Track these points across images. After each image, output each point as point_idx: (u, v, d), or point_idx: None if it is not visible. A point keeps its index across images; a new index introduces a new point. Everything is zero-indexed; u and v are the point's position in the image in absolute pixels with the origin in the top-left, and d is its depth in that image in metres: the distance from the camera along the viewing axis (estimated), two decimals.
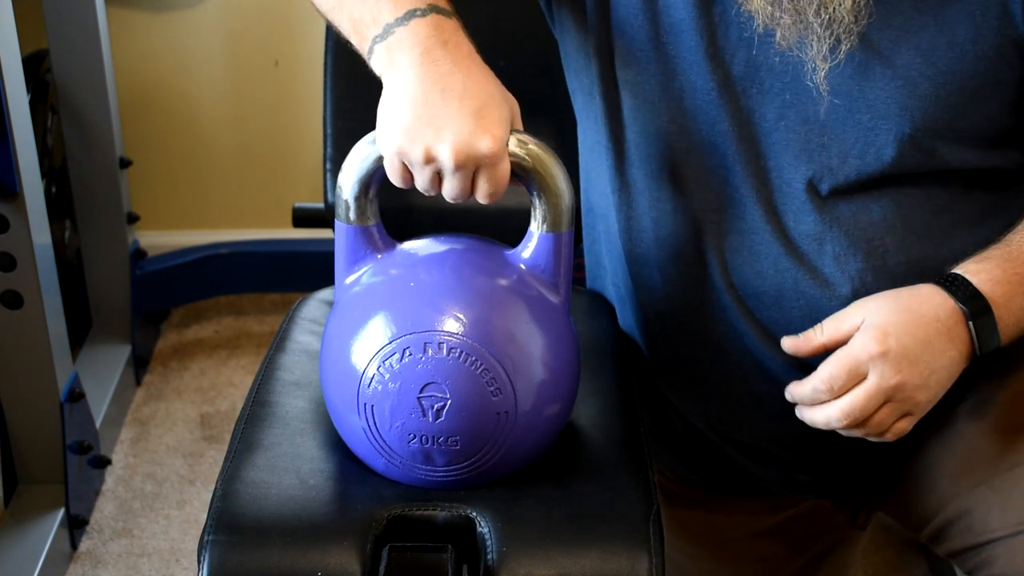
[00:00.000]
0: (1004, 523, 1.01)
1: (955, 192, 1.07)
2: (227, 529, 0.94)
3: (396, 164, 0.94)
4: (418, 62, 0.93)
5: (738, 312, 1.08)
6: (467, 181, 0.93)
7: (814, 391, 1.00)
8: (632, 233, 1.12)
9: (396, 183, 0.96)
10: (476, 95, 0.92)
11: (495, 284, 0.98)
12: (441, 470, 0.96)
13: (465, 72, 0.93)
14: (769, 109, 1.05)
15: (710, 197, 1.08)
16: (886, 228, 1.05)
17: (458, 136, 0.91)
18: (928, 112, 1.02)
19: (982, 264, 1.02)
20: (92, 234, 2.08)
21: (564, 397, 0.99)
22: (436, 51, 0.93)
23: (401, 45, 0.94)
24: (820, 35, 0.99)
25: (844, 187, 1.05)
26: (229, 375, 2.22)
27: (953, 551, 1.07)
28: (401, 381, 0.93)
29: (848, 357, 0.99)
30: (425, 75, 0.92)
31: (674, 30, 1.05)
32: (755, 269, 1.07)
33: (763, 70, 1.04)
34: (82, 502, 1.80)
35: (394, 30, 0.95)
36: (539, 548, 0.93)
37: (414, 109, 0.92)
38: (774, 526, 1.29)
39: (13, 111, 1.53)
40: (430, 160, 0.92)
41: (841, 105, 1.03)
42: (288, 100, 2.37)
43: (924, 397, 1.00)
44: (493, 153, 0.91)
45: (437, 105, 0.91)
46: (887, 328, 0.98)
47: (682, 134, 1.07)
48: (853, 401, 0.99)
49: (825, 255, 1.06)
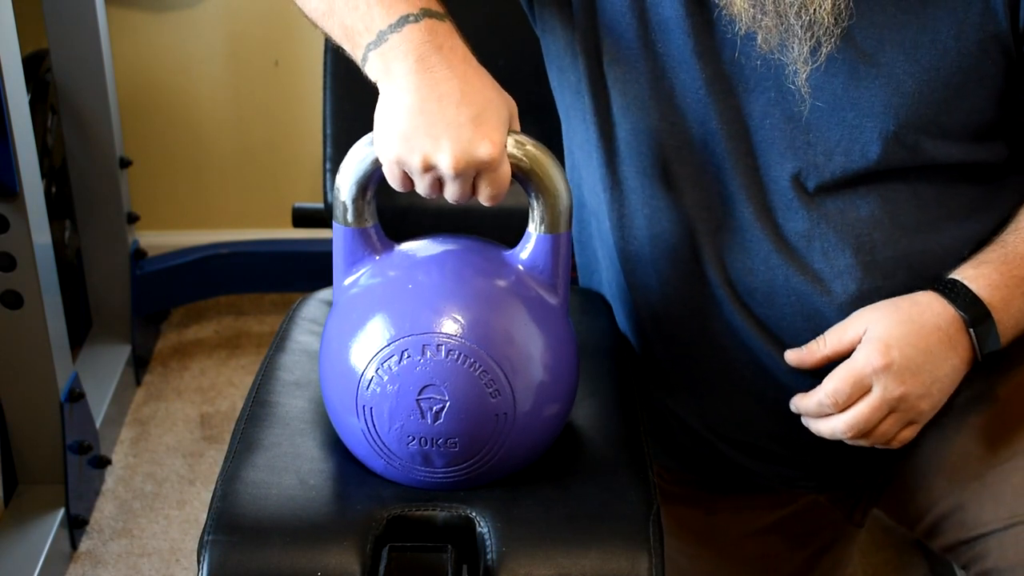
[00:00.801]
0: (996, 517, 1.02)
1: (942, 187, 1.07)
2: (227, 529, 0.94)
3: (396, 172, 0.94)
4: (413, 69, 0.93)
5: (733, 307, 1.09)
6: (468, 186, 0.93)
7: (819, 405, 1.02)
8: (625, 231, 1.13)
9: (397, 188, 0.96)
10: (473, 100, 0.92)
11: (493, 285, 0.98)
12: (440, 472, 0.96)
13: (461, 77, 0.93)
14: (755, 107, 1.05)
15: (702, 194, 1.08)
16: (874, 224, 1.06)
17: (456, 143, 0.91)
18: (912, 109, 1.03)
19: (980, 269, 1.02)
20: (92, 234, 2.08)
21: (563, 398, 0.99)
22: (431, 57, 0.93)
23: (395, 52, 0.94)
24: (801, 37, 1.00)
25: (831, 184, 1.05)
26: (229, 375, 2.22)
27: (947, 546, 1.08)
28: (400, 383, 0.93)
29: (852, 371, 1.00)
30: (421, 83, 0.92)
31: (662, 28, 1.05)
32: (747, 266, 1.08)
33: (747, 69, 1.04)
34: (82, 502, 1.80)
35: (388, 37, 0.94)
36: (539, 548, 0.93)
37: (411, 118, 0.91)
38: (771, 524, 1.30)
39: (13, 111, 1.53)
40: (429, 168, 0.92)
41: (826, 104, 1.03)
42: (288, 100, 2.37)
43: (927, 406, 1.01)
44: (492, 158, 0.91)
45: (434, 113, 0.91)
46: (889, 340, 0.99)
47: (673, 131, 1.07)
48: (858, 414, 1.00)
49: (814, 251, 1.06)
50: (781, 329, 1.08)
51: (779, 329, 1.08)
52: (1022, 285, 1.02)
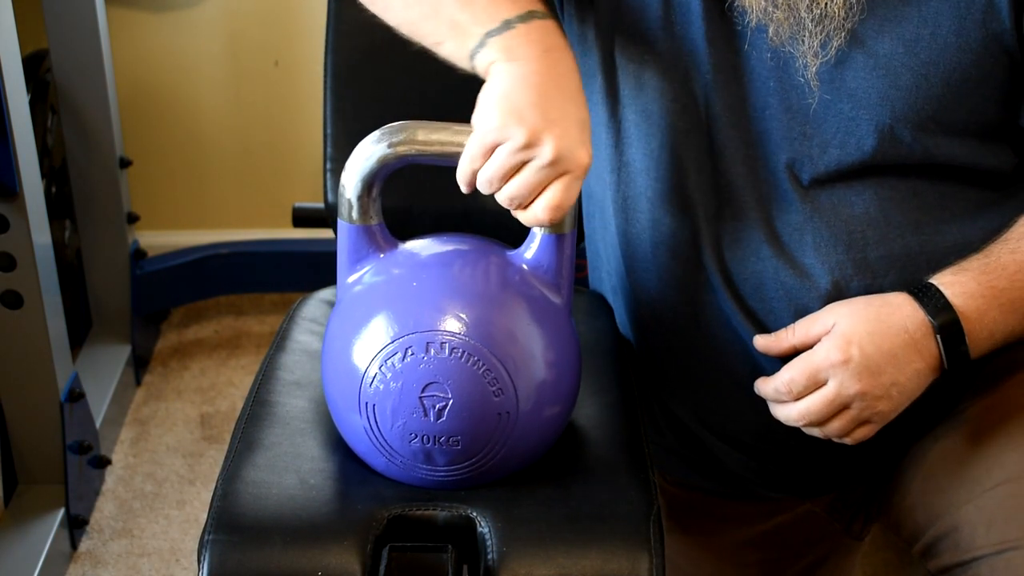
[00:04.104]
0: (988, 541, 1.00)
1: (943, 189, 1.07)
2: (227, 529, 0.94)
3: (487, 141, 0.91)
4: (542, 56, 0.94)
5: (726, 295, 1.09)
6: (538, 186, 0.92)
7: (775, 392, 1.03)
8: (628, 213, 1.13)
9: (467, 166, 0.93)
10: (583, 106, 0.94)
11: (497, 284, 0.98)
12: (442, 470, 0.96)
13: (578, 80, 0.96)
14: (756, 96, 1.05)
15: (705, 180, 1.08)
16: (868, 221, 1.05)
17: (565, 135, 0.91)
18: (909, 103, 1.02)
19: (958, 276, 1.01)
20: (92, 234, 2.08)
21: (565, 397, 0.99)
22: (557, 52, 0.95)
23: (524, 39, 0.95)
24: (812, 31, 1.00)
25: (824, 177, 1.05)
26: (229, 375, 2.22)
27: (942, 567, 1.06)
28: (403, 381, 0.93)
29: (809, 363, 1.00)
30: (549, 69, 0.94)
31: (683, 10, 1.05)
32: (740, 255, 1.08)
33: (753, 60, 1.04)
34: (82, 502, 1.80)
35: (516, 25, 0.95)
36: (539, 548, 0.93)
37: (532, 94, 0.92)
38: (768, 531, 1.29)
39: (13, 111, 1.53)
40: (530, 145, 0.91)
41: (823, 94, 1.03)
42: (288, 100, 2.37)
43: (886, 407, 1.00)
44: (586, 167, 0.92)
45: (555, 100, 0.92)
46: (852, 337, 0.99)
47: (683, 115, 1.07)
48: (810, 405, 1.01)
49: (806, 245, 1.06)
50: (769, 321, 1.08)
51: (767, 321, 1.08)
52: (1000, 297, 1.00)
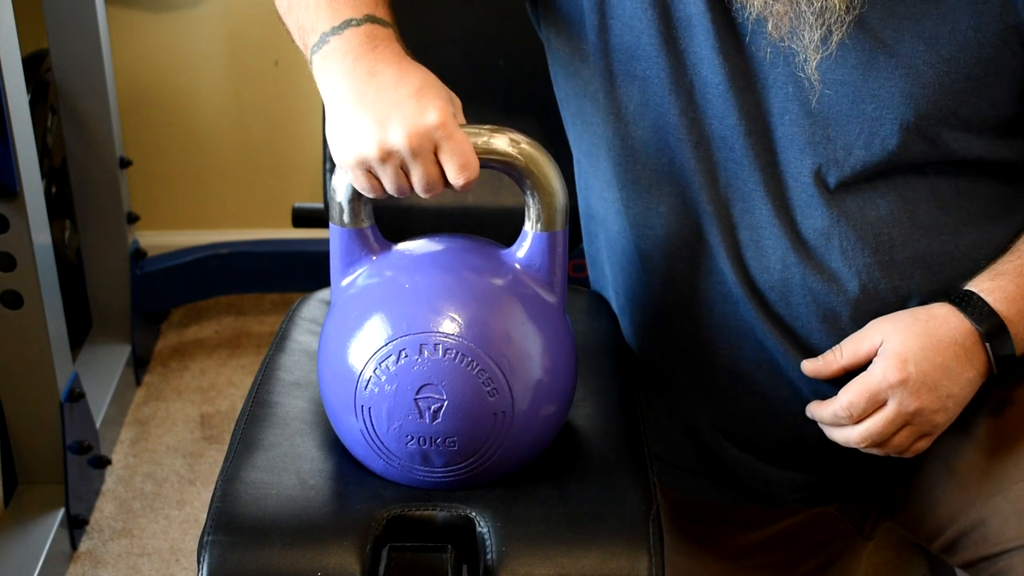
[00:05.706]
0: (1020, 533, 1.02)
1: (963, 186, 1.07)
2: (227, 529, 0.94)
3: (361, 176, 0.93)
4: (350, 68, 0.93)
5: (749, 305, 1.08)
6: (432, 165, 0.92)
7: (835, 416, 1.03)
8: (639, 229, 1.12)
9: (368, 195, 0.95)
10: (410, 80, 0.92)
11: (490, 284, 0.98)
12: (439, 471, 0.96)
13: (396, 65, 0.93)
14: (774, 103, 1.05)
15: (719, 191, 1.08)
16: (893, 222, 1.05)
17: (403, 118, 0.90)
18: (931, 100, 1.03)
19: (996, 281, 1.03)
20: (92, 234, 2.08)
21: (561, 396, 0.99)
22: (367, 56, 0.94)
23: (335, 55, 0.94)
24: (812, 24, 1.00)
25: (850, 179, 1.05)
26: (229, 375, 2.22)
27: (967, 562, 1.07)
28: (398, 383, 0.93)
29: (868, 386, 1.01)
30: (356, 78, 0.92)
31: (684, 24, 1.05)
32: (763, 263, 1.08)
33: (764, 64, 1.04)
34: (82, 502, 1.80)
35: (329, 39, 0.95)
36: (539, 548, 0.93)
37: (355, 111, 0.91)
38: (777, 533, 1.29)
39: (13, 111, 1.53)
40: (388, 154, 0.91)
41: (845, 96, 1.03)
42: (288, 100, 2.37)
43: (942, 419, 1.02)
44: (442, 122, 0.90)
45: (374, 99, 0.91)
46: (906, 355, 1.00)
47: (693, 127, 1.07)
48: (872, 427, 1.01)
49: (833, 250, 1.06)
50: (796, 328, 1.08)
51: (794, 328, 1.08)
52: None
